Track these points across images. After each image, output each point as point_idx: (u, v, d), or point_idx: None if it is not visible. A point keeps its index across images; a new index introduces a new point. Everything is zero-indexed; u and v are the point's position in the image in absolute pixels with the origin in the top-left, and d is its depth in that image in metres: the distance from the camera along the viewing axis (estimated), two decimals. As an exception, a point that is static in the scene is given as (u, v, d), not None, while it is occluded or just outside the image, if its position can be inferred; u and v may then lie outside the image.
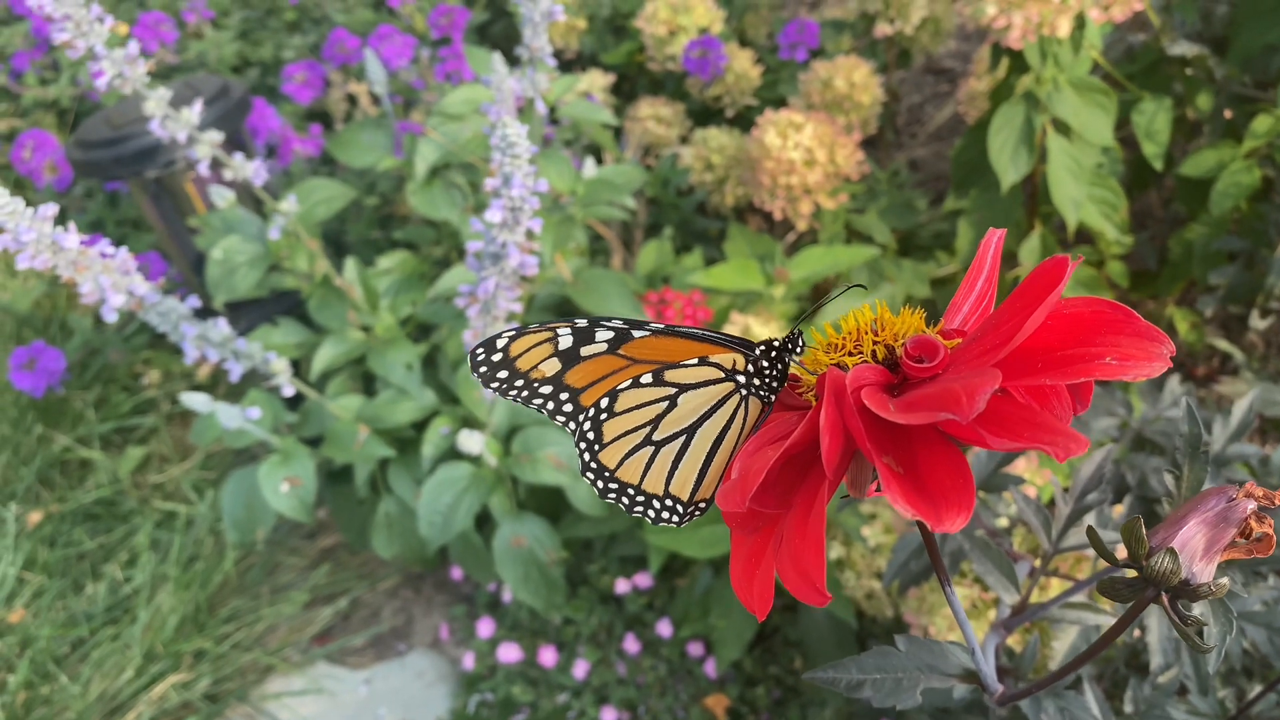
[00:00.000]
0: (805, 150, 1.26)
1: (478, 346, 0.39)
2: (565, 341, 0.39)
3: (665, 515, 0.40)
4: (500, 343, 0.39)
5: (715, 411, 0.39)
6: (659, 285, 1.28)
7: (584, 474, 0.40)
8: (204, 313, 1.36)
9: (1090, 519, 0.64)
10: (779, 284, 1.19)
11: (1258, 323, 1.25)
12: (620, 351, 0.39)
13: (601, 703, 1.30)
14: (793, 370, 0.38)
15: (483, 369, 0.39)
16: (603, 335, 0.39)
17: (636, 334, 0.39)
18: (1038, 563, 0.60)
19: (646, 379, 0.39)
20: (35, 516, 1.56)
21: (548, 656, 1.30)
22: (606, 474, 0.40)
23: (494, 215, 0.73)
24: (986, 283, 0.35)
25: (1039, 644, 0.58)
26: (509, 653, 1.31)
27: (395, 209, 1.50)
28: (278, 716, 1.36)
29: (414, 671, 1.42)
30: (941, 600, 0.82)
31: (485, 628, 1.34)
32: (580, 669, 1.30)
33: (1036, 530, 0.60)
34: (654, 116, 1.55)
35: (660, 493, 0.40)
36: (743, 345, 0.39)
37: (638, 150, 1.55)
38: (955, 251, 1.37)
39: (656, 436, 0.39)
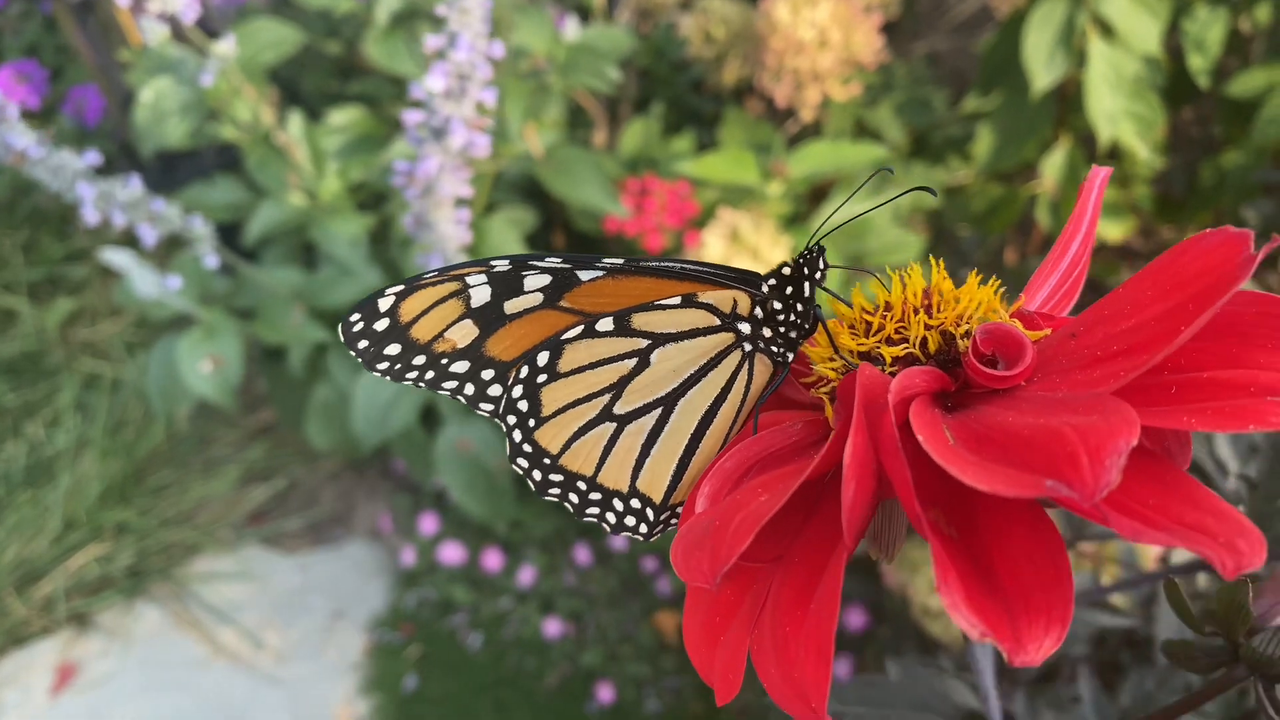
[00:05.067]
0: (819, 30, 1.12)
1: (352, 312, 0.27)
2: (480, 295, 0.27)
3: (630, 522, 0.29)
4: (385, 303, 0.27)
5: (707, 374, 0.27)
6: (642, 170, 1.16)
7: (513, 461, 0.28)
8: (134, 162, 1.23)
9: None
10: (776, 180, 1.07)
11: (1291, 265, 1.14)
12: (564, 304, 0.27)
13: (546, 611, 1.23)
14: (807, 350, 0.26)
15: (362, 344, 0.27)
16: (535, 281, 0.27)
17: (585, 275, 0.27)
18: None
19: (605, 325, 0.27)
20: (-47, 365, 1.45)
21: (492, 560, 1.22)
22: (546, 460, 0.28)
23: (435, 82, 0.60)
24: (1083, 244, 0.24)
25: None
26: (451, 553, 1.23)
27: (358, 59, 1.36)
28: (203, 597, 1.29)
29: (351, 561, 1.34)
30: (924, 557, 0.74)
31: (429, 524, 1.26)
32: (527, 575, 1.22)
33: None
34: (654, -21, 1.39)
35: (624, 489, 0.28)
36: (744, 280, 0.27)
37: (634, 14, 1.40)
38: (971, 157, 1.25)
39: (620, 409, 0.27)
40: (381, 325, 0.27)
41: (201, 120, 1.06)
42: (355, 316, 0.27)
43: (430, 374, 0.28)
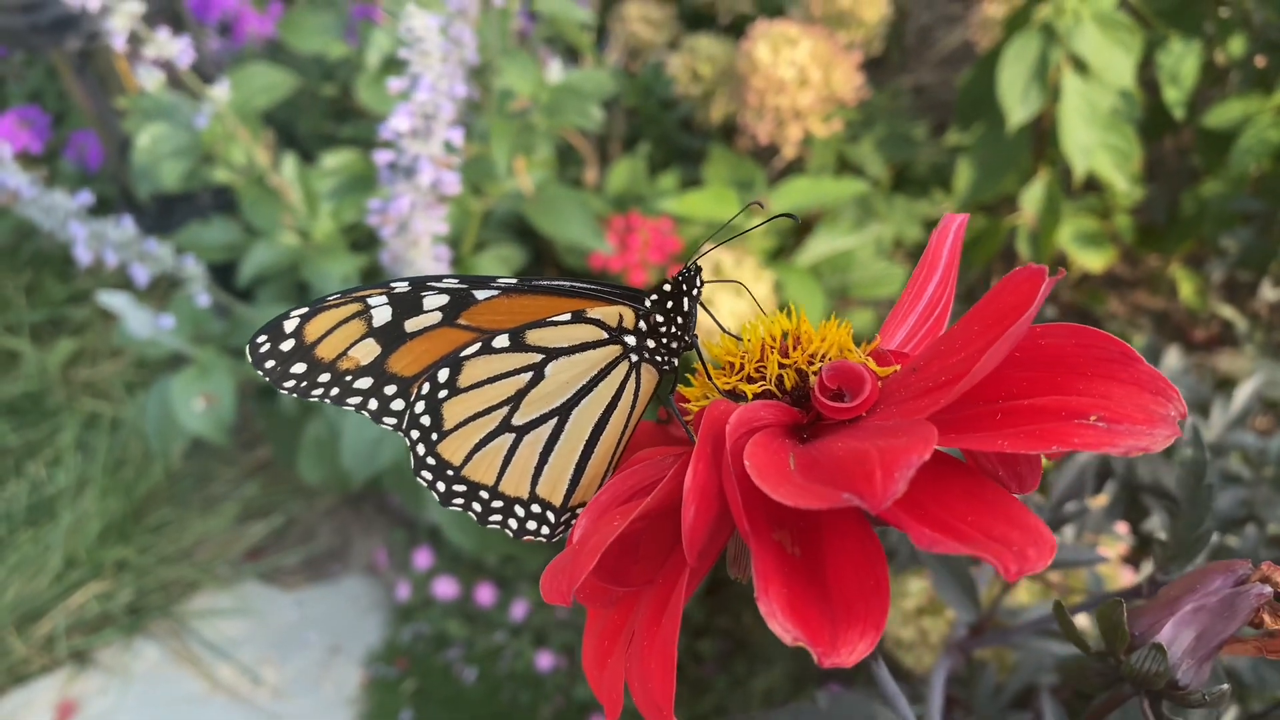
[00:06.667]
0: (798, 69, 1.15)
1: (259, 334, 0.29)
2: (382, 315, 0.29)
3: (532, 526, 0.30)
4: (290, 325, 0.29)
5: (597, 384, 0.29)
6: (629, 208, 1.18)
7: (417, 474, 0.30)
8: (133, 205, 1.26)
9: (1069, 530, 0.56)
10: (757, 216, 1.09)
11: (1269, 293, 1.15)
12: (461, 321, 0.29)
13: (539, 644, 1.23)
14: (683, 391, 0.28)
15: (269, 364, 0.29)
16: (433, 301, 0.29)
17: (481, 294, 0.29)
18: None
19: (501, 342, 0.29)
20: (-42, 406, 1.47)
21: (485, 595, 1.24)
22: (450, 472, 0.30)
23: (400, 122, 0.63)
24: (940, 285, 0.26)
25: (994, 675, 0.50)
26: (445, 588, 1.24)
27: (352, 102, 1.39)
28: (202, 634, 1.30)
29: (348, 596, 1.35)
30: (896, 589, 0.75)
31: (423, 558, 1.27)
32: (519, 609, 1.23)
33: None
34: (643, 18, 1.42)
35: (524, 495, 0.30)
36: (629, 296, 0.29)
37: (623, 53, 1.43)
38: (952, 191, 1.27)
39: (518, 420, 0.29)
40: (287, 346, 0.29)
41: (197, 163, 1.08)
42: (262, 338, 0.29)
43: (335, 390, 0.30)
